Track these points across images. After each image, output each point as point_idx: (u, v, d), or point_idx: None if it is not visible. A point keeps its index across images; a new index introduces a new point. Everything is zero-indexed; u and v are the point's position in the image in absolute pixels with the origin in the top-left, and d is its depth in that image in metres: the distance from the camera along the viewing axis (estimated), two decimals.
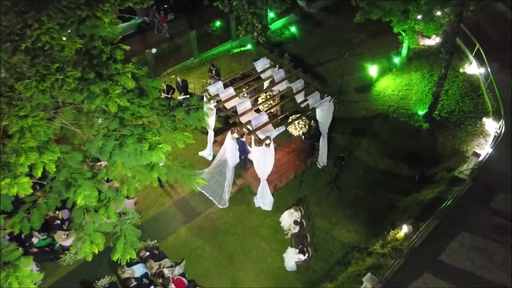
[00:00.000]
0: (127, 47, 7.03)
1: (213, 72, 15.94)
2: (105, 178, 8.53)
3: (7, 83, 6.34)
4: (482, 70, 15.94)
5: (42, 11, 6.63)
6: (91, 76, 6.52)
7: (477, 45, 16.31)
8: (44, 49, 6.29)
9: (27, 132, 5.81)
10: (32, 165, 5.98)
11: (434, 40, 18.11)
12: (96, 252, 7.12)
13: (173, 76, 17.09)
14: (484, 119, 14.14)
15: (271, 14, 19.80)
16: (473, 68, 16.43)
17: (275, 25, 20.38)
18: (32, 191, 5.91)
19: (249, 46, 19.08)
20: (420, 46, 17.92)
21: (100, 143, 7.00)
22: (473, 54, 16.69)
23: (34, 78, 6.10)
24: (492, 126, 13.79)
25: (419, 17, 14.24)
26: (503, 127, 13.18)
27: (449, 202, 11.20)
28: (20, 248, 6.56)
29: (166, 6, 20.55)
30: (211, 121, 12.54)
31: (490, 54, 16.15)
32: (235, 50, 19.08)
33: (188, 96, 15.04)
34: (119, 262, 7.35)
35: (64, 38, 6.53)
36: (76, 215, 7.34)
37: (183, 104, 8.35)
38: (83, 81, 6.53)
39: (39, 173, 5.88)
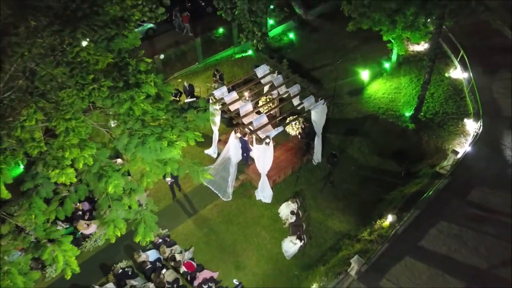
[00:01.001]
0: (149, 60, 8.31)
1: (217, 76, 17.23)
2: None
3: (51, 91, 7.63)
4: (465, 75, 17.20)
5: (76, 30, 7.90)
6: (120, 85, 7.81)
7: (461, 51, 17.58)
8: (81, 62, 7.58)
9: (71, 132, 7.10)
10: (73, 159, 7.27)
11: (422, 46, 19.35)
12: (119, 235, 8.37)
13: (180, 80, 18.40)
14: (466, 120, 15.40)
15: (270, 21, 21.05)
16: (457, 73, 17.70)
17: (274, 32, 21.64)
18: (76, 179, 7.19)
19: (250, 52, 20.35)
20: (409, 52, 19.19)
21: (126, 141, 8.31)
22: (458, 60, 17.96)
23: (75, 87, 7.39)
24: (472, 126, 15.07)
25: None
26: (481, 127, 14.48)
27: (430, 193, 12.51)
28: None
29: (168, 15, 21.83)
30: (217, 120, 13.80)
31: (474, 59, 17.41)
32: (237, 56, 20.37)
33: (194, 99, 16.32)
34: (140, 243, 8.59)
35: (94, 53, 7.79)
36: (102, 203, 8.62)
37: (194, 107, 9.66)
38: (113, 89, 7.82)
39: (80, 165, 7.18)
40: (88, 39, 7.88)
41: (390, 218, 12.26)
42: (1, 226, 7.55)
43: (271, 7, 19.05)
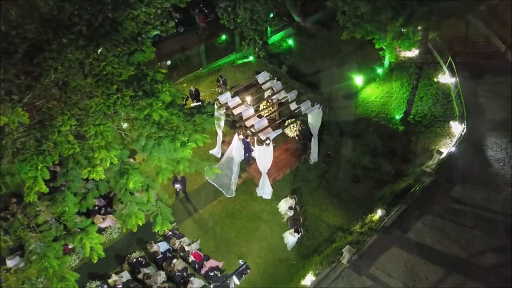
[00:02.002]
0: (164, 70, 9.46)
1: (221, 82, 18.39)
2: None
3: (80, 100, 8.78)
4: (453, 80, 18.34)
5: (99, 45, 9.01)
6: (139, 94, 8.96)
7: (449, 57, 18.72)
8: (106, 75, 8.71)
9: (99, 135, 8.25)
10: (101, 158, 8.42)
11: (413, 53, 20.45)
12: (141, 224, 9.52)
13: (185, 85, 19.55)
14: (451, 122, 16.55)
15: (270, 28, 22.19)
16: (445, 78, 18.84)
17: (274, 38, 22.77)
18: (104, 176, 8.35)
19: (251, 58, 21.49)
20: (401, 58, 20.34)
21: (143, 142, 9.45)
22: (446, 65, 19.10)
23: (101, 96, 8.54)
24: (457, 128, 16.22)
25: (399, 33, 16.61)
26: (465, 129, 15.65)
27: (416, 190, 13.67)
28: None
29: (176, 20, 22.92)
30: (221, 123, 14.95)
31: (461, 65, 18.58)
32: (239, 61, 21.51)
33: (200, 103, 17.47)
34: (158, 232, 9.75)
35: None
36: (123, 197, 9.77)
37: (201, 111, 10.81)
38: (133, 98, 8.97)
39: (108, 164, 8.32)
40: (110, 54, 8.93)
41: (379, 213, 13.42)
42: (37, 217, 8.72)
43: (271, 15, 20.18)
